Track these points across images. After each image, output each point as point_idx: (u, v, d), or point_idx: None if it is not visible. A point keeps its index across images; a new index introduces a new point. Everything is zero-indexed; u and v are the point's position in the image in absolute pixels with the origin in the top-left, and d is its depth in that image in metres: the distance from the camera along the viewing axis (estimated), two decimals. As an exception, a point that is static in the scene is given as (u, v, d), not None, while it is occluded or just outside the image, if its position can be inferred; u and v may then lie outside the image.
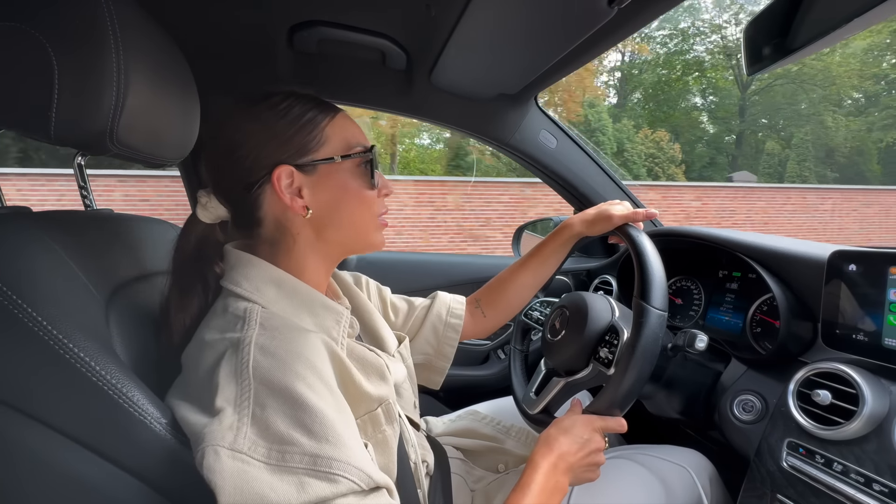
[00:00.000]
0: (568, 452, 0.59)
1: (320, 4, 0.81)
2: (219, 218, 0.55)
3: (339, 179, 0.53)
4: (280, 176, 0.50)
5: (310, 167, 0.51)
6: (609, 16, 0.66)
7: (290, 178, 0.51)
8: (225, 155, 0.52)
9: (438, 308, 0.80)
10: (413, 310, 0.80)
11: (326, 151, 0.52)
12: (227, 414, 0.39)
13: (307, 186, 0.52)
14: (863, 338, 0.61)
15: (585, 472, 0.61)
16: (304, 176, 0.51)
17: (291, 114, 0.51)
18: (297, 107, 0.52)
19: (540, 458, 0.58)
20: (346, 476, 0.39)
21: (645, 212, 0.74)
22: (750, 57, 0.53)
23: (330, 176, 0.52)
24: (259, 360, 0.42)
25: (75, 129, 0.45)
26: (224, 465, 0.37)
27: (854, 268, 0.63)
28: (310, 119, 0.52)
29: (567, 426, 0.61)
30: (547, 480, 0.56)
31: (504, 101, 1.08)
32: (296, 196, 0.51)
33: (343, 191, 0.53)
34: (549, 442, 0.60)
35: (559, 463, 0.58)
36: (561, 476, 0.57)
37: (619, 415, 0.63)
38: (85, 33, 0.44)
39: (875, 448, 0.55)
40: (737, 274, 0.92)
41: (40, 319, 0.39)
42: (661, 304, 0.60)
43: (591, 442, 0.60)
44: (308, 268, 0.55)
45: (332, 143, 0.53)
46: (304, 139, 0.51)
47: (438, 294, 0.83)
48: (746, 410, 0.72)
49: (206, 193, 0.54)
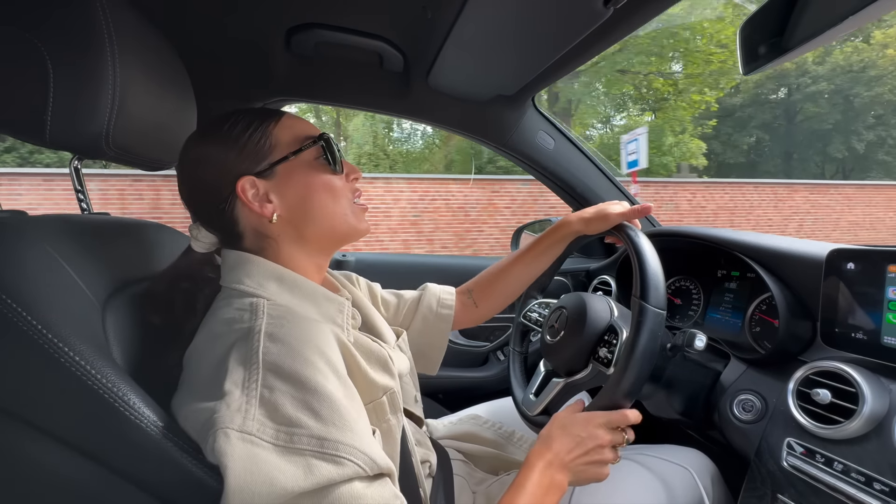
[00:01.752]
0: (563, 450, 0.58)
1: (317, 7, 0.82)
2: (212, 244, 0.57)
3: (300, 176, 0.54)
4: (244, 187, 0.51)
5: (268, 171, 0.53)
6: (605, 16, 0.66)
7: (254, 186, 0.52)
8: (192, 185, 0.54)
9: (429, 299, 0.81)
10: (403, 303, 0.81)
11: (279, 152, 0.53)
12: (235, 396, 0.40)
13: (272, 191, 0.53)
14: (862, 336, 0.61)
15: (587, 470, 0.59)
16: (266, 182, 0.53)
17: (238, 125, 0.53)
18: (242, 118, 0.54)
19: (535, 457, 0.58)
20: (352, 459, 0.40)
21: (640, 207, 0.73)
22: (746, 56, 0.53)
23: (290, 174, 0.54)
24: (269, 346, 0.43)
25: (71, 132, 0.45)
26: (234, 447, 0.37)
27: (852, 266, 0.63)
28: (256, 126, 0.53)
29: (565, 423, 0.61)
30: (542, 478, 0.56)
31: (501, 102, 1.08)
32: (265, 202, 0.53)
33: (307, 185, 0.54)
34: (546, 440, 0.60)
35: (554, 461, 0.57)
36: (557, 474, 0.57)
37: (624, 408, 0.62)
38: (81, 37, 0.44)
39: (875, 447, 0.55)
40: (735, 273, 0.92)
41: (35, 323, 0.39)
42: (659, 302, 0.60)
43: (591, 439, 0.59)
44: (299, 267, 0.56)
45: (283, 143, 0.54)
46: (255, 147, 0.53)
47: (428, 286, 0.84)
48: (746, 410, 0.72)
49: (195, 227, 0.56)
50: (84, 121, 0.45)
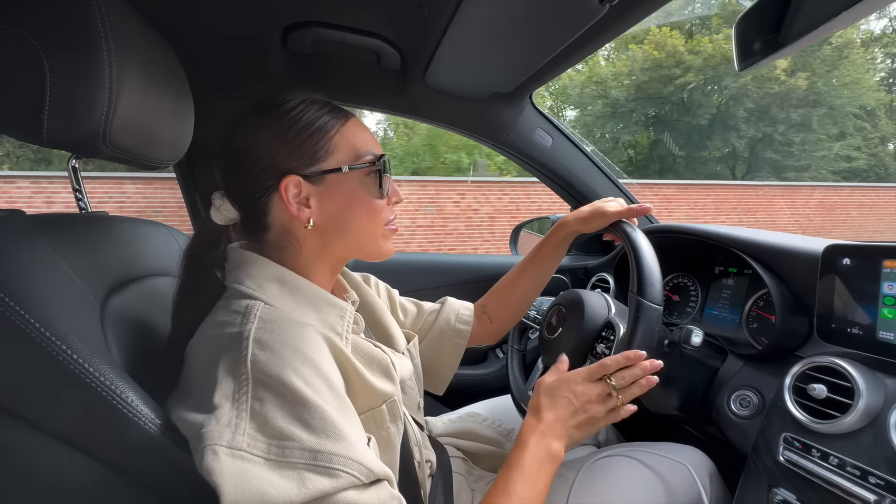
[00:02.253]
0: (554, 418, 0.57)
1: (314, 5, 0.81)
2: (231, 220, 0.55)
3: (346, 189, 0.53)
4: (287, 186, 0.50)
5: (317, 177, 0.51)
6: (601, 13, 0.66)
7: (298, 188, 0.51)
8: (236, 161, 0.52)
9: (447, 313, 0.80)
10: (422, 313, 0.80)
11: (334, 161, 0.52)
12: (225, 410, 0.39)
13: (314, 196, 0.52)
14: (857, 331, 0.61)
15: (581, 429, 0.58)
16: (311, 186, 0.51)
17: (302, 121, 0.51)
18: (308, 113, 0.52)
19: (528, 431, 0.57)
20: (346, 470, 0.39)
21: (639, 207, 0.74)
22: (741, 52, 0.54)
23: (338, 186, 0.52)
24: (257, 354, 0.42)
25: (68, 131, 0.45)
26: (223, 465, 0.37)
27: (848, 262, 0.63)
28: (319, 127, 0.52)
29: (551, 389, 0.60)
30: (536, 451, 0.55)
31: (498, 99, 1.08)
32: (303, 206, 0.51)
33: (350, 200, 0.53)
34: (535, 411, 0.59)
35: (547, 431, 0.56)
36: (553, 443, 0.56)
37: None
38: (77, 35, 0.44)
39: (870, 441, 0.55)
40: (733, 270, 0.92)
41: (33, 322, 0.39)
42: (656, 297, 0.61)
43: (579, 397, 0.57)
44: (314, 272, 0.55)
45: (341, 153, 0.52)
46: (312, 148, 0.51)
47: (448, 300, 0.83)
48: (743, 406, 0.73)
49: (219, 196, 0.54)
50: (81, 120, 0.45)
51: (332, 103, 0.55)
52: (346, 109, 0.55)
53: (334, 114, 0.53)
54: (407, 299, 0.81)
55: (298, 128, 0.51)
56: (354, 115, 0.56)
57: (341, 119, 0.54)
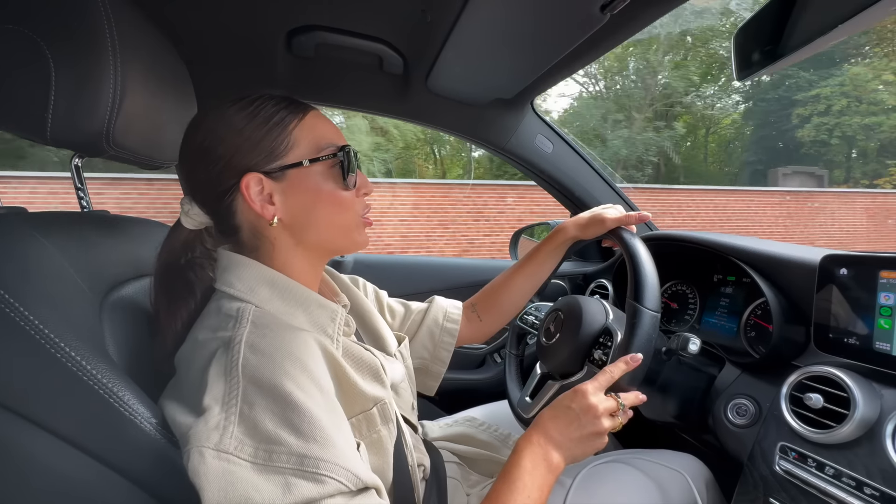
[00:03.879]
0: (552, 428, 0.55)
1: (318, 9, 0.82)
2: (202, 224, 0.54)
3: (310, 183, 0.51)
4: (248, 184, 0.49)
5: (278, 173, 0.50)
6: (602, 22, 0.67)
7: (260, 185, 0.49)
8: (195, 162, 0.51)
9: (435, 312, 0.80)
10: (410, 313, 0.80)
11: (295, 155, 0.51)
12: (214, 413, 0.39)
13: (277, 192, 0.50)
14: (854, 341, 0.61)
15: (584, 443, 0.55)
16: (273, 182, 0.50)
17: (259, 117, 0.49)
18: (264, 108, 0.50)
19: (523, 441, 0.55)
20: (333, 476, 0.39)
21: (638, 215, 0.74)
22: (740, 63, 0.54)
23: (301, 180, 0.51)
24: (249, 357, 0.42)
25: (71, 130, 0.45)
26: (209, 467, 0.37)
27: (845, 272, 0.63)
28: (278, 122, 0.50)
29: (554, 403, 0.58)
30: (531, 460, 0.53)
31: (500, 105, 1.08)
32: (267, 203, 0.50)
33: (315, 194, 0.52)
34: (538, 422, 0.57)
35: (543, 441, 0.55)
36: (550, 452, 0.54)
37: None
38: (82, 36, 0.45)
39: (866, 452, 0.55)
40: (731, 278, 0.92)
41: (33, 319, 0.39)
42: (653, 304, 0.61)
43: (582, 411, 0.55)
44: (293, 270, 0.54)
45: (301, 146, 0.51)
46: (271, 144, 0.49)
47: (435, 298, 0.83)
48: (740, 414, 0.73)
49: (188, 201, 0.53)
50: (85, 119, 0.45)
51: (290, 97, 0.53)
52: (304, 102, 0.53)
53: (292, 108, 0.52)
54: (395, 300, 0.81)
55: (256, 124, 0.49)
56: (314, 107, 0.54)
57: (299, 113, 0.52)
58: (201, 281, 0.53)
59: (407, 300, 0.83)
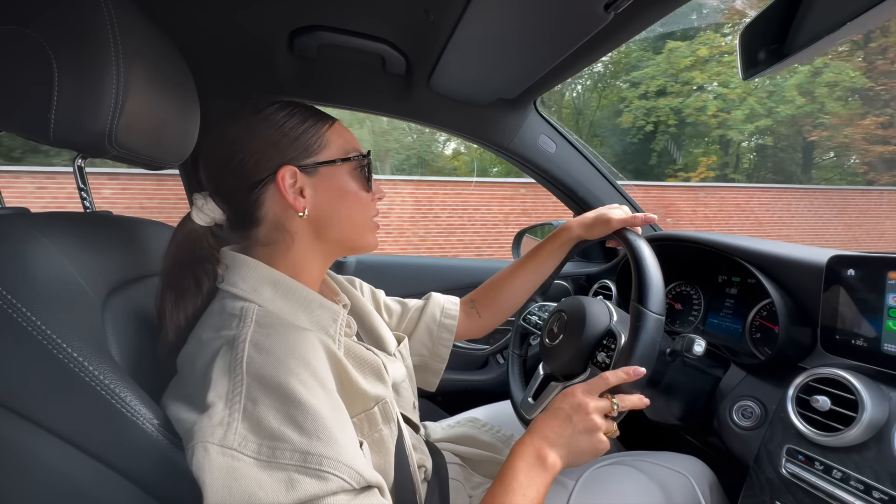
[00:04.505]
0: (546, 428, 0.56)
1: (320, 10, 0.82)
2: (213, 221, 0.56)
3: (338, 181, 0.56)
4: (284, 175, 0.52)
5: (312, 168, 0.54)
6: (605, 21, 0.66)
7: (294, 178, 0.53)
8: (229, 156, 0.53)
9: (432, 309, 0.81)
10: (407, 311, 0.80)
11: (328, 154, 0.55)
12: (218, 409, 0.39)
13: (309, 187, 0.54)
14: (862, 343, 0.61)
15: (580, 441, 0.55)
16: (306, 177, 0.54)
17: (297, 116, 0.54)
18: (298, 112, 0.55)
19: (517, 444, 0.56)
20: (336, 474, 0.39)
21: (643, 216, 0.73)
22: (746, 62, 0.54)
23: (330, 178, 0.55)
24: (253, 356, 0.42)
25: (74, 130, 0.45)
26: (213, 462, 0.37)
27: (853, 273, 0.63)
28: (312, 123, 0.55)
29: (547, 407, 0.59)
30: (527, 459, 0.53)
31: (503, 105, 1.08)
32: (299, 196, 0.53)
33: (342, 192, 0.56)
34: (532, 426, 0.58)
35: (536, 441, 0.55)
36: (548, 451, 0.54)
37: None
38: (85, 36, 0.45)
39: (875, 455, 0.55)
40: (736, 279, 0.91)
41: (34, 319, 0.39)
42: (658, 307, 0.60)
43: (574, 409, 0.56)
44: (305, 266, 0.56)
45: (333, 147, 0.56)
46: (307, 141, 0.54)
47: (432, 295, 0.83)
48: (746, 416, 0.72)
49: (202, 196, 0.55)
50: (87, 119, 0.45)
51: (317, 109, 0.58)
52: (330, 115, 0.59)
53: (322, 115, 0.57)
54: (391, 299, 0.81)
55: (293, 122, 0.54)
56: (338, 119, 0.59)
57: (329, 119, 0.57)
58: (206, 279, 0.54)
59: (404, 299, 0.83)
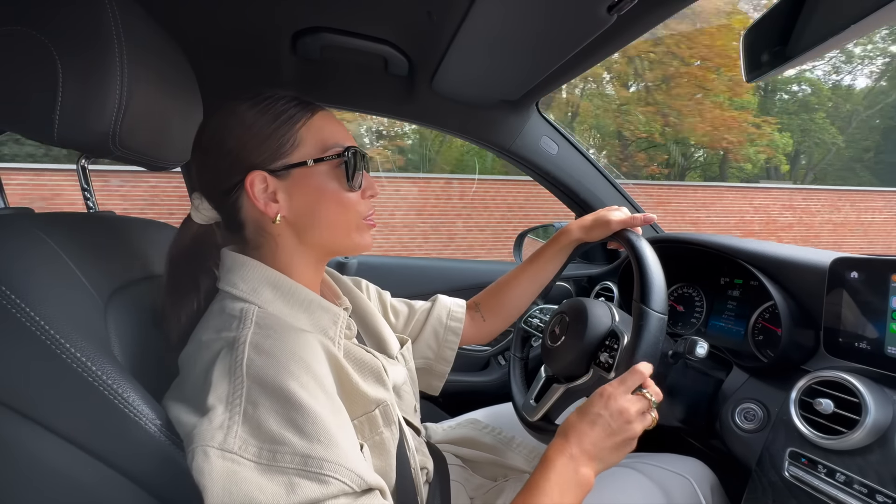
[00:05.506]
0: (587, 441, 0.51)
1: (323, 11, 0.82)
2: (211, 220, 0.55)
3: (314, 183, 0.52)
4: (253, 181, 0.49)
5: (283, 171, 0.50)
6: (608, 23, 0.66)
7: (264, 182, 0.50)
8: (204, 157, 0.52)
9: (439, 311, 0.80)
10: (413, 313, 0.80)
11: (300, 155, 0.51)
12: (218, 412, 0.39)
13: (282, 191, 0.51)
14: (865, 346, 0.61)
15: (618, 451, 0.53)
16: (277, 180, 0.50)
17: (269, 112, 0.50)
18: (274, 106, 0.51)
19: (555, 453, 0.51)
20: (336, 477, 0.39)
21: (643, 216, 0.73)
22: (749, 64, 0.53)
23: (305, 179, 0.51)
24: (253, 358, 0.42)
25: (78, 131, 0.46)
26: (213, 466, 0.37)
27: (856, 275, 0.63)
28: (285, 119, 0.50)
29: (582, 408, 0.54)
30: (562, 476, 0.50)
31: (505, 107, 1.08)
32: (271, 201, 0.50)
33: (319, 194, 0.52)
34: (565, 432, 0.53)
35: (577, 454, 0.51)
36: (582, 468, 0.50)
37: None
38: (89, 37, 0.45)
39: (878, 458, 0.54)
40: (738, 281, 0.91)
41: (38, 319, 0.39)
42: (660, 307, 0.60)
43: (615, 417, 0.52)
44: (295, 270, 0.54)
45: (307, 146, 0.51)
46: (277, 142, 0.50)
47: (439, 297, 0.83)
48: (748, 419, 0.72)
49: (199, 196, 0.54)
50: (91, 120, 0.46)
51: (300, 96, 0.53)
52: (313, 102, 0.54)
53: (301, 106, 0.52)
54: (398, 300, 0.81)
55: (264, 120, 0.50)
56: (323, 107, 0.54)
57: (308, 111, 0.52)
58: (206, 278, 0.54)
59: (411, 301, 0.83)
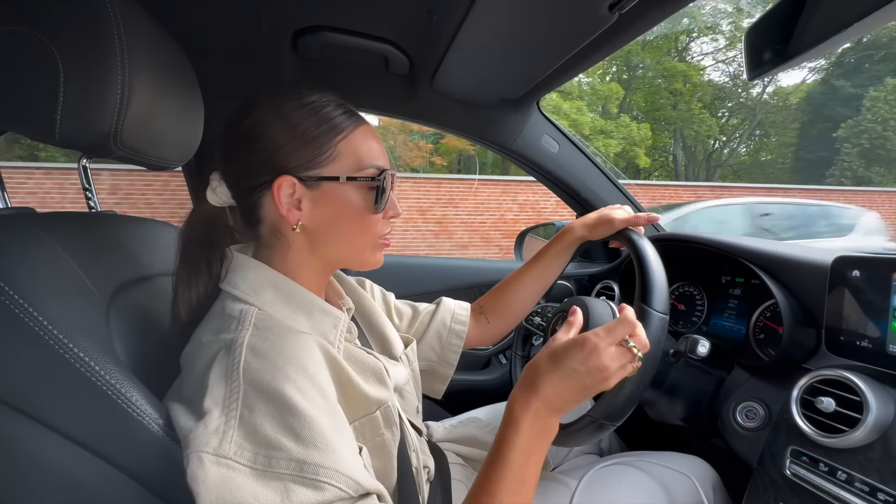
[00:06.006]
0: (554, 394, 0.49)
1: (324, 10, 0.82)
2: (225, 204, 0.54)
3: (341, 198, 0.51)
4: (281, 186, 0.49)
5: (313, 182, 0.50)
6: (610, 21, 0.66)
7: (292, 189, 0.49)
8: (238, 146, 0.51)
9: (443, 314, 0.80)
10: (417, 315, 0.80)
11: (334, 169, 0.50)
12: (214, 417, 0.39)
13: (307, 199, 0.50)
14: (867, 344, 0.61)
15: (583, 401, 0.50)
16: (305, 189, 0.50)
17: (312, 118, 0.49)
18: (321, 111, 0.50)
19: (519, 410, 0.49)
20: (332, 483, 0.38)
21: (646, 216, 0.73)
22: (751, 62, 0.53)
23: (333, 193, 0.51)
24: (250, 361, 0.41)
25: (80, 131, 0.46)
26: (207, 473, 0.36)
27: (858, 273, 0.63)
28: (329, 128, 0.50)
29: (557, 353, 0.50)
30: (529, 434, 0.48)
31: (506, 106, 1.08)
32: (294, 208, 0.50)
33: (343, 210, 0.51)
34: (534, 381, 0.50)
35: (542, 409, 0.49)
36: (548, 419, 0.49)
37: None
38: (90, 37, 0.45)
39: (880, 456, 0.54)
40: (740, 280, 0.91)
41: (40, 319, 0.39)
42: (661, 306, 0.60)
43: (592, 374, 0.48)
44: (302, 274, 0.54)
45: (343, 160, 0.51)
46: (314, 151, 0.49)
47: (443, 300, 0.82)
48: (749, 418, 0.72)
49: (217, 177, 0.53)
50: (93, 120, 0.46)
51: (346, 104, 0.53)
52: (358, 113, 0.54)
53: (347, 116, 0.51)
54: (402, 302, 0.80)
55: (307, 125, 0.49)
56: (367, 122, 0.54)
57: (352, 124, 0.52)
58: (216, 262, 0.53)
59: (414, 301, 0.83)
